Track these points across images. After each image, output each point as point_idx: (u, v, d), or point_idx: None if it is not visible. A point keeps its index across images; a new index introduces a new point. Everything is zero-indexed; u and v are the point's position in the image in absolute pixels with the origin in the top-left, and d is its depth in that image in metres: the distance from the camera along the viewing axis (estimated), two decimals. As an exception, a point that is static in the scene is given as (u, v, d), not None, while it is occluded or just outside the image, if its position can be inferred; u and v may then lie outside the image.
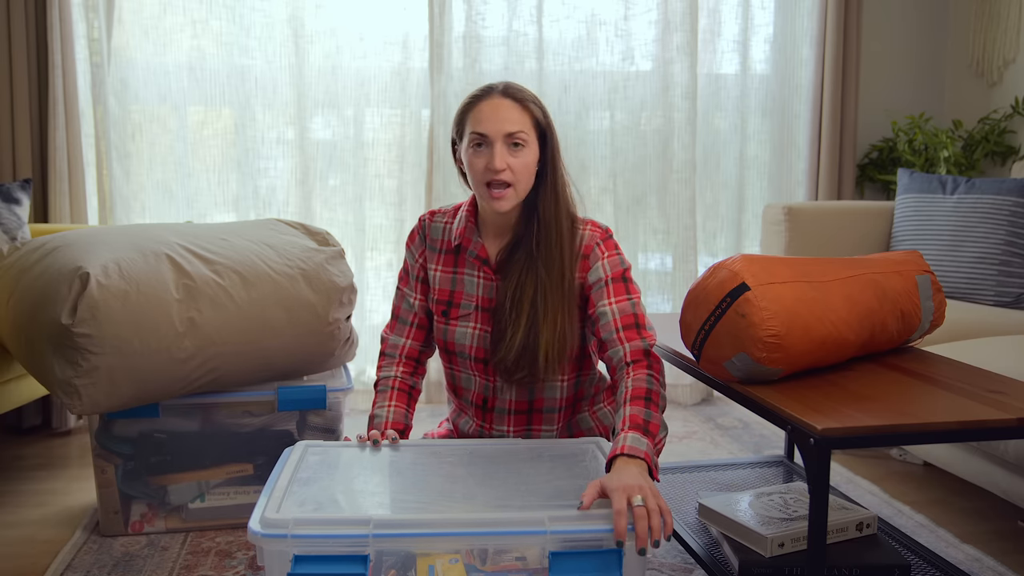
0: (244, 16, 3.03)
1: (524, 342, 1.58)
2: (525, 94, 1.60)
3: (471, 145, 1.58)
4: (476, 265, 1.67)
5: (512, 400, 1.68)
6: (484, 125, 1.55)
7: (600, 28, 3.21)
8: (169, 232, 2.05)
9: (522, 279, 1.60)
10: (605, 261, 1.61)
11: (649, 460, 1.36)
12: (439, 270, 1.71)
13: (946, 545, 2.00)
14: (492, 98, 1.58)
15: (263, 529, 1.21)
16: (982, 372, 1.60)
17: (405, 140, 3.17)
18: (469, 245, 1.67)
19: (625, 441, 1.37)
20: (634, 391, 1.46)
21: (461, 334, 1.67)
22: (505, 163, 1.54)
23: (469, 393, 1.73)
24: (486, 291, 1.67)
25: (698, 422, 3.05)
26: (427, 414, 3.10)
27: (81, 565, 1.90)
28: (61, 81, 2.80)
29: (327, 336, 2.12)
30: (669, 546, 1.96)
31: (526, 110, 1.58)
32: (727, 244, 3.43)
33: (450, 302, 1.69)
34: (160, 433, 2.03)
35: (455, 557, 1.26)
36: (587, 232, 1.64)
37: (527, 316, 1.58)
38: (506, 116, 1.56)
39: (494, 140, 1.55)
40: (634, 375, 1.49)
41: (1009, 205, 2.66)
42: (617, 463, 1.33)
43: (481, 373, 1.68)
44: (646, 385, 1.48)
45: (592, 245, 1.63)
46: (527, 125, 1.58)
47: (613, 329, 1.56)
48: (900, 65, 3.53)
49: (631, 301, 1.59)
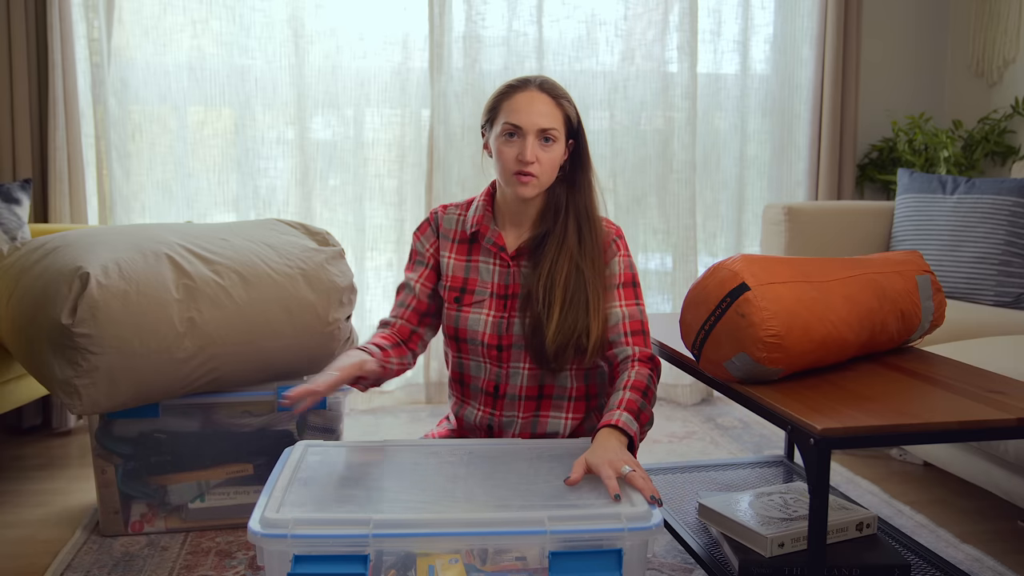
0: (244, 16, 3.03)
1: (570, 330, 1.61)
2: (560, 91, 1.64)
3: (503, 134, 1.61)
4: (492, 252, 1.70)
5: (523, 387, 1.69)
6: (519, 116, 1.59)
7: (600, 28, 3.21)
8: (169, 232, 2.05)
9: (553, 269, 1.63)
10: (621, 260, 1.68)
11: (636, 440, 1.46)
12: (452, 257, 1.73)
13: (946, 545, 2.00)
14: (528, 90, 1.61)
15: (263, 529, 1.21)
16: (982, 372, 1.60)
17: (405, 140, 3.17)
18: (487, 233, 1.70)
19: (620, 417, 1.45)
20: (635, 382, 1.54)
21: (474, 320, 1.69)
22: (535, 156, 1.58)
23: (478, 381, 1.73)
24: (502, 278, 1.69)
25: (698, 422, 3.05)
26: (427, 414, 3.10)
27: (81, 565, 1.90)
28: (61, 81, 2.80)
29: (327, 336, 2.12)
30: (669, 546, 1.96)
31: (559, 107, 1.62)
32: (727, 244, 3.43)
33: (463, 288, 1.71)
34: (160, 433, 2.03)
35: (455, 557, 1.26)
36: (603, 227, 1.70)
37: (562, 304, 1.61)
38: (540, 110, 1.59)
39: (527, 132, 1.58)
40: (638, 370, 1.57)
41: (1009, 205, 2.66)
42: (601, 434, 1.43)
43: (493, 360, 1.69)
44: (647, 382, 1.55)
45: (609, 241, 1.68)
46: (559, 122, 1.62)
47: (622, 332, 1.63)
48: (900, 65, 3.53)
49: (639, 308, 1.67)
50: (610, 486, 1.30)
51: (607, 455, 1.37)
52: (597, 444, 1.41)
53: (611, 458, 1.35)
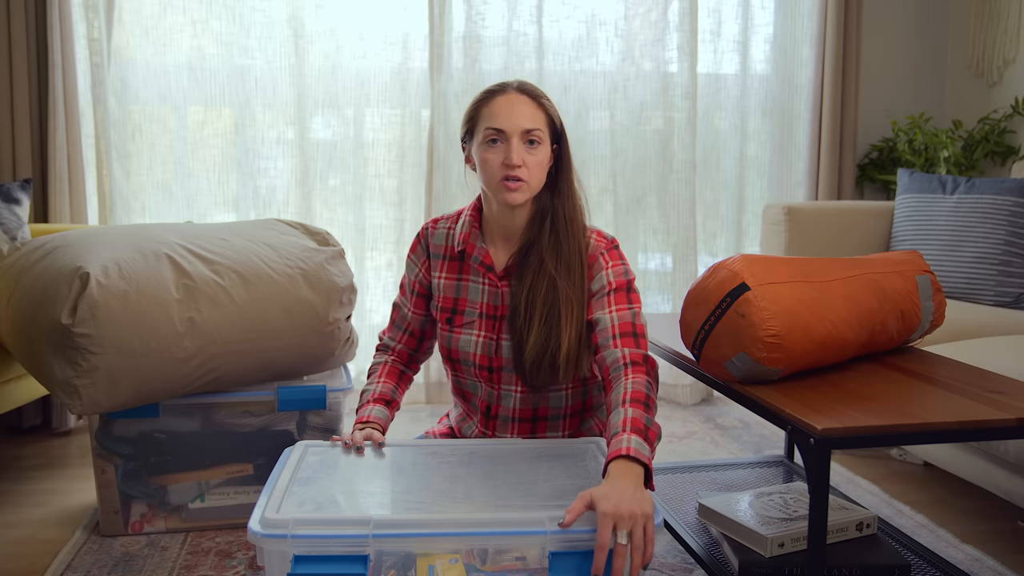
0: (244, 16, 3.03)
1: (543, 346, 1.55)
2: (540, 92, 1.58)
3: (486, 141, 1.54)
4: (481, 272, 1.64)
5: (516, 408, 1.65)
6: (500, 120, 1.53)
7: (600, 28, 3.21)
8: (169, 232, 2.05)
9: (535, 282, 1.56)
10: (609, 270, 1.57)
11: (650, 466, 1.31)
12: (443, 277, 1.68)
13: (946, 545, 2.00)
14: (508, 94, 1.55)
15: (263, 529, 1.21)
16: (982, 372, 1.60)
17: (405, 140, 3.17)
18: (473, 251, 1.64)
19: (629, 443, 1.30)
20: (634, 394, 1.40)
21: (465, 341, 1.65)
22: (522, 159, 1.52)
23: (475, 399, 1.71)
24: (491, 298, 1.63)
25: (698, 422, 3.05)
26: (427, 414, 3.10)
27: (81, 565, 1.90)
28: (61, 81, 2.80)
29: (327, 336, 2.12)
30: (669, 546, 1.96)
31: (541, 108, 1.56)
32: (727, 244, 3.43)
33: (454, 309, 1.66)
34: (160, 433, 2.03)
35: (455, 557, 1.26)
36: (592, 241, 1.61)
37: (540, 319, 1.55)
38: (522, 112, 1.53)
39: (511, 135, 1.52)
40: (633, 378, 1.43)
41: (1009, 205, 2.66)
42: (616, 467, 1.27)
43: (486, 380, 1.66)
44: (645, 391, 1.42)
45: (596, 255, 1.59)
46: (542, 123, 1.56)
47: (610, 335, 1.50)
48: (900, 65, 3.53)
49: (632, 311, 1.54)
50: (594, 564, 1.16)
51: (616, 502, 1.19)
52: (609, 479, 1.24)
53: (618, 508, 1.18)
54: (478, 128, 1.57)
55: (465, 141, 1.62)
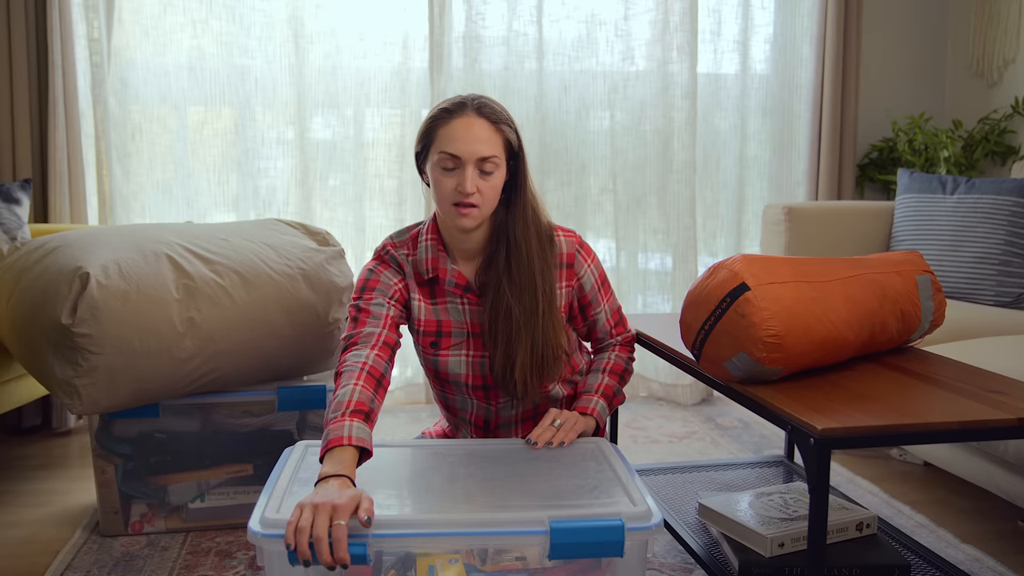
0: (244, 16, 3.03)
1: (504, 362, 1.56)
2: (499, 115, 1.53)
3: (440, 164, 1.51)
4: (457, 294, 1.61)
5: (517, 414, 1.68)
6: (456, 146, 1.48)
7: (600, 28, 3.21)
8: (169, 232, 2.05)
9: (497, 299, 1.56)
10: (592, 267, 1.67)
11: (602, 424, 1.67)
12: (420, 300, 1.62)
13: (946, 545, 2.00)
14: (465, 116, 1.50)
15: (263, 529, 1.21)
16: (982, 372, 1.60)
17: (405, 140, 3.17)
18: (445, 276, 1.60)
19: (596, 405, 1.64)
20: (615, 366, 1.72)
21: (455, 363, 1.62)
22: (475, 187, 1.49)
23: (465, 414, 1.71)
24: (473, 316, 1.61)
25: (698, 422, 3.05)
26: (427, 414, 3.10)
27: (81, 565, 1.90)
28: (61, 81, 2.80)
29: (327, 336, 2.12)
30: (669, 546, 1.96)
31: (499, 131, 1.52)
32: (727, 244, 3.43)
33: (439, 333, 1.62)
34: (160, 433, 2.03)
35: (455, 557, 1.26)
36: (563, 239, 1.62)
37: (504, 335, 1.55)
38: (479, 137, 1.49)
39: (466, 162, 1.49)
40: (619, 352, 1.74)
41: (1009, 205, 2.66)
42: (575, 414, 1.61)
43: (481, 399, 1.66)
44: (625, 365, 1.74)
45: (573, 252, 1.62)
46: (499, 148, 1.52)
47: (608, 328, 1.74)
48: (900, 65, 3.53)
49: (614, 296, 1.75)
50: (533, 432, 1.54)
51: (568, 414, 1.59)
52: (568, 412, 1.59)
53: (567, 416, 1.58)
54: (433, 148, 1.53)
55: (419, 157, 1.60)
